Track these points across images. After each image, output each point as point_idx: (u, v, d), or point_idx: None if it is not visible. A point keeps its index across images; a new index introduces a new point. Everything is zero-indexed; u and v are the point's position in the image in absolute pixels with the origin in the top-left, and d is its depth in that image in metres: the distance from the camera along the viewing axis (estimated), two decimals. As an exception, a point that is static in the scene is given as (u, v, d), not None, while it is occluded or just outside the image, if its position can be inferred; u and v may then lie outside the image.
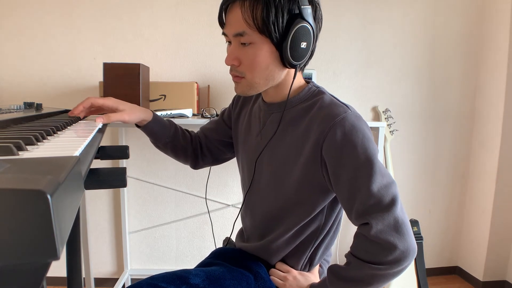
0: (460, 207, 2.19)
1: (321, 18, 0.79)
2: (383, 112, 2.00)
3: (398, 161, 2.08)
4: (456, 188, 2.17)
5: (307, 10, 0.72)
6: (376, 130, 1.66)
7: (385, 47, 2.00)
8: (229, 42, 0.78)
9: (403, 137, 2.08)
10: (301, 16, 0.71)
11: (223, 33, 0.78)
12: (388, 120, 1.99)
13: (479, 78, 2.08)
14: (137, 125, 0.98)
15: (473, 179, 2.13)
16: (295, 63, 0.75)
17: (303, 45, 0.73)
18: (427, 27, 2.02)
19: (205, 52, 1.88)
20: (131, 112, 0.91)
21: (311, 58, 0.82)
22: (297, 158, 0.78)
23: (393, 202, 0.69)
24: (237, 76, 0.78)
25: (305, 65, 0.82)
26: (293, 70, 0.79)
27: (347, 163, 0.71)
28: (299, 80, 0.84)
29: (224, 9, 0.77)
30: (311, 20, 0.73)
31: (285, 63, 0.75)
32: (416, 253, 0.70)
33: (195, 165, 1.07)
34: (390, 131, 1.99)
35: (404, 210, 0.72)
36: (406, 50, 2.02)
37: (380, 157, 1.66)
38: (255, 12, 0.70)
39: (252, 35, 0.72)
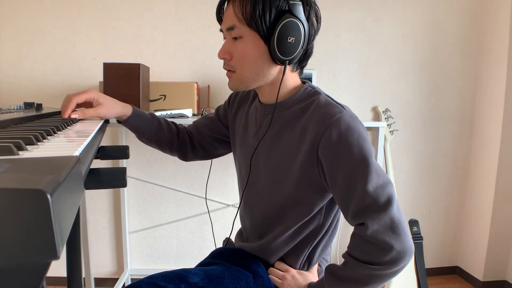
0: (460, 207, 2.18)
1: (318, 17, 0.79)
2: (383, 112, 2.00)
3: (398, 161, 2.08)
4: (456, 188, 2.17)
5: (297, 7, 0.73)
6: (376, 130, 1.66)
7: (385, 47, 2.00)
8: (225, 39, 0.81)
9: (403, 137, 2.08)
10: (290, 12, 0.72)
11: (220, 30, 0.81)
12: (388, 120, 1.99)
13: (479, 78, 2.08)
14: (118, 121, 0.98)
15: (473, 179, 2.13)
16: (283, 58, 0.75)
17: (291, 39, 0.73)
18: (427, 27, 2.02)
19: (205, 52, 1.89)
20: (109, 107, 0.90)
21: (307, 57, 0.82)
22: (294, 159, 0.79)
23: (389, 202, 0.69)
24: (229, 71, 0.81)
25: (300, 64, 0.82)
26: (286, 69, 0.80)
27: (343, 163, 0.71)
28: (295, 81, 0.84)
29: (221, 6, 0.80)
30: (301, 17, 0.73)
31: (274, 58, 0.75)
32: (413, 254, 0.70)
33: (185, 157, 1.07)
34: (390, 131, 1.99)
35: (401, 210, 0.72)
36: (406, 50, 2.02)
37: (380, 157, 1.66)
38: (245, 7, 0.73)
39: (242, 29, 0.75)
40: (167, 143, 1.02)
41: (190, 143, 1.05)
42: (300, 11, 0.73)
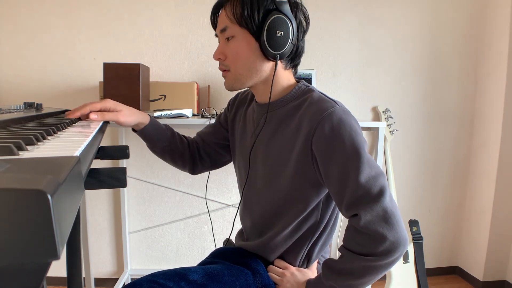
0: (460, 207, 2.19)
1: (306, 18, 0.83)
2: (383, 112, 2.00)
3: (398, 161, 2.08)
4: (456, 188, 2.17)
5: (284, 5, 0.78)
6: (376, 130, 1.66)
7: (385, 47, 2.00)
8: None
9: (403, 137, 2.08)
10: (277, 10, 0.78)
11: (215, 35, 0.87)
12: (388, 120, 1.99)
13: (479, 78, 2.08)
14: (133, 130, 0.99)
15: (473, 179, 2.13)
16: (273, 52, 0.79)
17: (279, 33, 0.77)
18: (427, 27, 2.02)
19: (205, 52, 1.89)
20: (128, 115, 0.91)
21: (298, 55, 0.85)
22: (290, 155, 0.81)
23: (381, 193, 0.70)
24: (224, 70, 0.85)
25: (292, 62, 0.85)
26: (278, 66, 0.83)
27: (336, 156, 0.73)
28: (289, 79, 0.87)
29: (215, 13, 0.86)
30: (288, 14, 0.78)
31: (265, 53, 0.79)
32: (407, 244, 0.71)
33: (194, 170, 1.09)
34: (390, 131, 1.99)
35: (394, 202, 0.73)
36: (406, 50, 2.02)
37: (380, 157, 1.66)
38: (235, 8, 0.79)
39: (233, 29, 0.80)
40: (179, 154, 1.03)
41: (198, 153, 1.07)
42: (286, 9, 0.78)
